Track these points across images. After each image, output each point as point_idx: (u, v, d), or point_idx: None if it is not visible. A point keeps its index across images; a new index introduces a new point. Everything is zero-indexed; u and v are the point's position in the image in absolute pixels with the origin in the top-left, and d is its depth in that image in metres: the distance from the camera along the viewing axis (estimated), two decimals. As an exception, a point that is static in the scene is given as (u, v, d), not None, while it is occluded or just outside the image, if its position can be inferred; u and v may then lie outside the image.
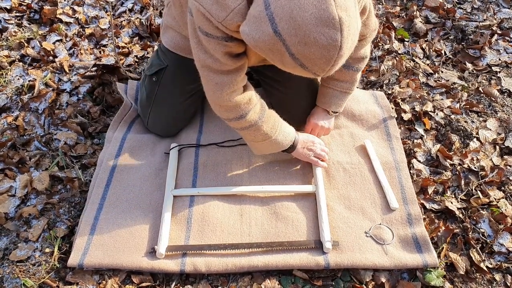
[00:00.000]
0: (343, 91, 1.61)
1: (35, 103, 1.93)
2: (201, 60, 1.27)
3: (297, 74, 1.09)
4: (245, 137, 1.50)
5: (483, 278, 1.41)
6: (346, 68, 1.53)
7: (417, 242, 1.44)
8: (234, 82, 1.31)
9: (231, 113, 1.38)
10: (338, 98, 1.62)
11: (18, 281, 1.35)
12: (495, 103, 1.97)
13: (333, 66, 1.02)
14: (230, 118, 1.40)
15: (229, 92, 1.32)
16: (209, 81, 1.31)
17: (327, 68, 1.02)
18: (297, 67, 1.03)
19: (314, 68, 1.02)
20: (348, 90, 1.61)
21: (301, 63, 1.01)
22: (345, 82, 1.58)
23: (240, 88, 1.36)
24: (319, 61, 0.99)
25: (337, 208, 1.53)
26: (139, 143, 1.74)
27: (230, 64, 1.26)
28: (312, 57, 0.99)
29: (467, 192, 1.63)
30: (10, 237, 1.48)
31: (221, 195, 1.56)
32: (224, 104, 1.35)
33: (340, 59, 1.01)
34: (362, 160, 1.69)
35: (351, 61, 1.52)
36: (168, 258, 1.39)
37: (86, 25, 2.38)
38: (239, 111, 1.37)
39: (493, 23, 2.36)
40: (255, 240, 1.45)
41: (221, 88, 1.31)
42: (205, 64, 1.27)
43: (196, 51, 1.27)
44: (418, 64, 2.16)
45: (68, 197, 1.59)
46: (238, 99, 1.34)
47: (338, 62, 1.01)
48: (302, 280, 1.38)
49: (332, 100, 1.62)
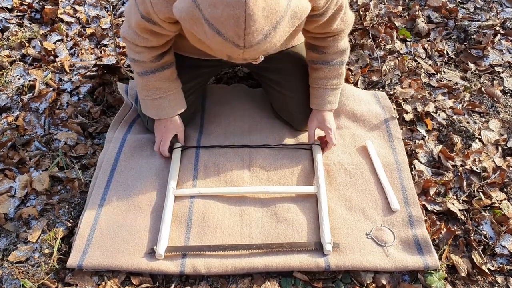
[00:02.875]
0: (333, 87, 1.60)
1: (36, 103, 1.92)
2: (126, 12, 1.39)
3: (228, 53, 1.08)
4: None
5: (484, 281, 1.40)
6: (329, 64, 1.54)
7: (418, 244, 1.43)
8: (139, 43, 1.39)
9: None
10: (330, 96, 1.61)
11: (17, 282, 1.35)
12: (497, 103, 1.96)
13: (248, 31, 0.98)
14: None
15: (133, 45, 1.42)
16: (124, 24, 1.43)
17: (241, 33, 0.99)
18: (216, 37, 1.01)
19: (229, 34, 0.99)
20: (337, 85, 1.61)
21: (217, 30, 1.00)
22: (332, 78, 1.58)
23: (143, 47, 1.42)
24: (229, 23, 0.97)
25: (338, 209, 1.52)
26: (139, 144, 1.73)
27: (141, 33, 1.35)
28: (222, 19, 0.97)
29: (469, 194, 1.62)
30: (9, 238, 1.47)
31: (221, 196, 1.56)
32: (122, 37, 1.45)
33: (254, 22, 0.97)
34: (363, 161, 1.68)
35: (333, 55, 1.53)
36: (167, 259, 1.39)
37: (87, 25, 2.38)
38: (129, 52, 1.48)
39: (496, 23, 2.34)
40: (255, 241, 1.44)
41: (129, 34, 1.39)
42: (127, 17, 1.39)
43: (130, 2, 1.35)
44: (420, 64, 2.15)
45: (68, 197, 1.58)
46: (130, 46, 1.44)
47: (252, 26, 0.98)
48: (302, 282, 1.37)
49: (325, 98, 1.61)
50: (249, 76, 2.05)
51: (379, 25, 2.32)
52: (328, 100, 1.62)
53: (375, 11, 2.42)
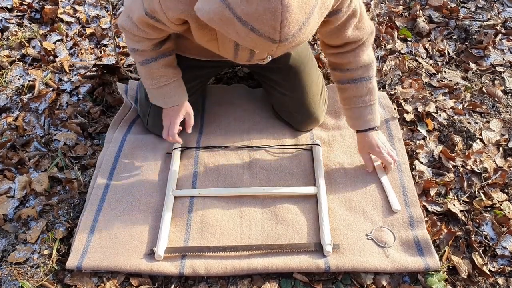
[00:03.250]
0: (368, 105, 1.53)
1: (35, 103, 1.92)
2: (127, 4, 1.36)
3: (260, 49, 1.05)
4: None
5: (485, 282, 1.39)
6: (358, 81, 1.48)
7: (419, 245, 1.42)
8: (138, 34, 1.37)
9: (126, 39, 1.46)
10: (366, 114, 1.54)
11: (16, 283, 1.34)
12: (498, 103, 1.95)
13: (285, 23, 0.95)
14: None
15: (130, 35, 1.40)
16: (123, 14, 1.39)
17: (278, 26, 0.96)
18: (251, 34, 0.98)
19: (265, 29, 0.96)
20: (370, 102, 1.53)
21: (251, 27, 0.97)
22: (363, 95, 1.51)
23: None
24: (265, 17, 0.94)
25: (338, 210, 1.52)
26: (139, 144, 1.73)
27: (142, 26, 1.33)
28: (257, 15, 0.94)
29: (470, 194, 1.61)
30: (8, 239, 1.47)
31: (221, 196, 1.55)
32: (120, 27, 1.43)
33: (290, 13, 0.94)
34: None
35: (358, 72, 1.47)
36: (167, 260, 1.38)
37: (87, 25, 2.37)
38: (128, 42, 1.46)
39: (497, 23, 2.33)
40: (255, 242, 1.43)
41: (128, 25, 1.37)
42: (127, 10, 1.36)
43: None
44: (421, 64, 2.14)
45: (67, 198, 1.58)
46: (129, 36, 1.41)
47: (289, 17, 0.95)
48: (302, 283, 1.36)
49: (362, 118, 1.55)
50: (249, 76, 2.04)
51: (380, 24, 2.31)
52: (367, 119, 1.55)
53: (376, 10, 2.41)
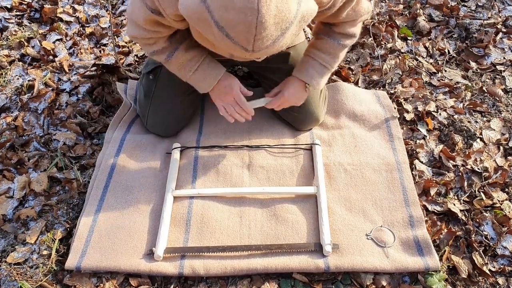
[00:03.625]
0: (323, 64, 1.50)
1: (35, 103, 1.92)
2: (129, 12, 1.35)
3: (233, 53, 1.07)
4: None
5: (485, 282, 1.38)
6: (331, 38, 1.47)
7: (419, 245, 1.42)
8: (149, 36, 1.36)
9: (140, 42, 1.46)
10: (316, 71, 1.51)
11: (16, 284, 1.34)
12: (499, 102, 1.94)
13: (258, 37, 0.98)
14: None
15: (140, 38, 1.39)
16: (130, 25, 1.39)
17: (251, 39, 0.98)
18: (225, 39, 1.00)
19: (239, 38, 0.99)
20: (328, 65, 1.51)
21: (226, 33, 0.99)
22: (326, 53, 1.49)
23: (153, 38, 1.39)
24: (240, 27, 0.96)
25: (338, 210, 1.51)
26: (139, 144, 1.72)
27: (151, 27, 1.31)
28: (233, 23, 0.96)
29: (470, 194, 1.61)
30: (7, 239, 1.47)
31: (220, 196, 1.55)
32: (131, 37, 1.43)
33: (264, 29, 0.97)
34: (364, 161, 1.66)
35: (339, 35, 1.46)
36: (166, 260, 1.38)
37: (87, 24, 2.37)
38: (145, 49, 1.47)
39: (498, 21, 2.32)
40: (255, 242, 1.43)
41: (136, 32, 1.37)
42: (131, 18, 1.35)
43: (131, 3, 1.32)
44: (421, 63, 2.13)
45: (67, 198, 1.58)
46: (143, 42, 1.41)
47: (262, 32, 0.97)
48: (302, 283, 1.36)
49: (310, 71, 1.51)
50: (249, 75, 2.04)
51: (380, 23, 2.30)
52: (311, 74, 1.52)
53: (376, 9, 2.41)
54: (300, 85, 1.55)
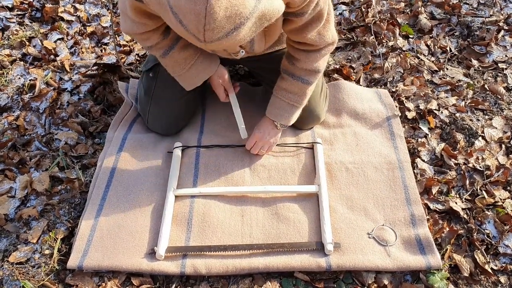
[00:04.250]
0: (291, 103, 1.54)
1: (36, 103, 1.92)
2: (120, 4, 1.36)
3: (189, 41, 1.06)
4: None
5: (487, 280, 1.38)
6: (295, 78, 1.49)
7: (421, 243, 1.42)
8: (139, 30, 1.35)
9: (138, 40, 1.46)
10: (285, 110, 1.56)
11: (18, 283, 1.35)
12: (501, 100, 1.94)
13: (208, 27, 0.97)
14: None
15: (132, 32, 1.39)
16: (121, 18, 1.39)
17: (201, 29, 0.97)
18: (179, 26, 1.00)
19: (190, 27, 0.98)
20: (296, 104, 1.55)
21: (180, 20, 0.99)
22: (293, 94, 1.52)
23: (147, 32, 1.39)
24: (190, 16, 0.96)
25: (339, 209, 1.51)
26: (140, 143, 1.72)
27: (137, 17, 1.30)
28: (184, 11, 0.96)
29: (472, 192, 1.60)
30: (9, 239, 1.47)
31: (222, 195, 1.55)
32: (125, 32, 1.43)
33: (214, 20, 0.96)
34: (365, 160, 1.66)
35: (302, 71, 1.47)
36: (168, 259, 1.38)
37: (88, 23, 2.37)
38: (140, 43, 1.46)
39: (500, 19, 2.32)
40: (256, 241, 1.43)
41: (127, 26, 1.37)
42: (121, 8, 1.35)
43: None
44: (422, 61, 2.13)
45: (68, 198, 1.58)
46: (136, 37, 1.42)
47: (212, 23, 0.96)
48: (303, 282, 1.36)
49: (279, 111, 1.56)
50: (250, 74, 2.04)
51: (381, 21, 2.30)
52: (281, 114, 1.57)
53: (377, 7, 2.40)
54: (270, 124, 1.61)
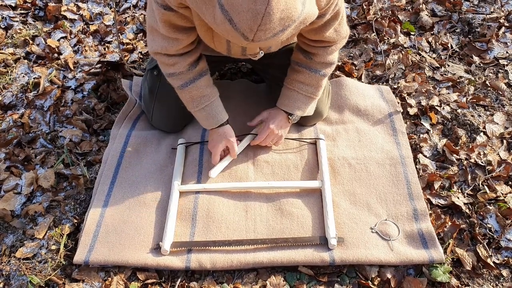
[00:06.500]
0: (307, 95, 1.56)
1: (40, 101, 1.93)
2: (148, 20, 1.36)
3: (230, 39, 1.07)
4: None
5: (490, 274, 1.40)
6: (312, 71, 1.51)
7: (423, 237, 1.43)
8: (170, 48, 1.35)
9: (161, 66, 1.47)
10: (302, 102, 1.58)
11: (25, 278, 1.36)
12: (502, 96, 1.95)
13: (262, 28, 0.98)
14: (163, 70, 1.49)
15: (161, 54, 1.39)
16: (149, 37, 1.39)
17: (255, 28, 0.99)
18: (226, 24, 1.01)
19: (242, 25, 0.99)
20: (312, 95, 1.57)
21: (229, 18, 0.99)
22: (310, 86, 1.54)
23: (176, 55, 1.40)
24: (246, 15, 0.97)
25: (343, 204, 1.52)
26: (144, 140, 1.74)
27: (168, 32, 1.30)
28: (240, 9, 0.96)
29: (474, 187, 1.62)
30: (16, 235, 1.49)
31: (226, 191, 1.56)
32: (153, 54, 1.43)
33: (270, 21, 0.97)
34: (368, 155, 1.67)
35: (319, 65, 1.50)
36: (173, 254, 1.39)
37: (91, 22, 2.38)
38: (164, 69, 1.47)
39: (501, 16, 2.33)
40: (260, 236, 1.44)
41: (157, 45, 1.37)
42: (150, 24, 1.35)
43: (148, 10, 1.34)
44: (424, 58, 2.14)
45: (74, 194, 1.59)
46: (164, 60, 1.41)
47: (267, 24, 0.98)
48: (307, 277, 1.38)
49: (296, 103, 1.57)
50: (252, 71, 2.05)
51: (383, 19, 2.31)
52: (298, 106, 1.58)
53: (379, 4, 2.41)
54: (285, 117, 1.62)
